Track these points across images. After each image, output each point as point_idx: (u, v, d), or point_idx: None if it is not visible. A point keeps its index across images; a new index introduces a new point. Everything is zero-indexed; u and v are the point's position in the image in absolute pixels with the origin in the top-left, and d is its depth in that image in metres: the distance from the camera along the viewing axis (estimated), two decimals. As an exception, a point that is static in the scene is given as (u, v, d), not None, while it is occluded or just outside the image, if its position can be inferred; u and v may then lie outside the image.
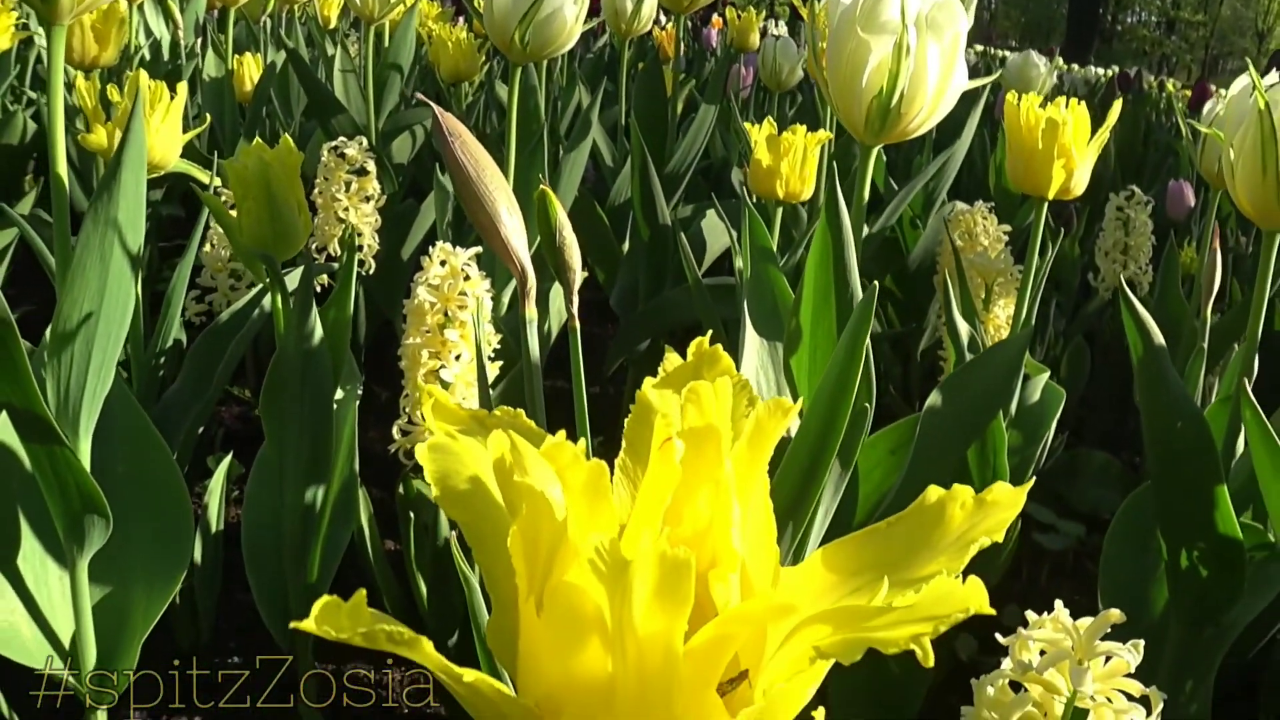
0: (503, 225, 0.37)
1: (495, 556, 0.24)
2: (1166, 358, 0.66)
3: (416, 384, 0.78)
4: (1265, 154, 0.65)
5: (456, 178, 0.37)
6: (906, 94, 0.55)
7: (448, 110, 1.55)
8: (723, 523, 0.22)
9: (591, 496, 0.20)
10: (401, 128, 1.61)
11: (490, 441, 0.22)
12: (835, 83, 0.57)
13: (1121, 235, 1.32)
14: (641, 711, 0.20)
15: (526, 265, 0.40)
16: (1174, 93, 6.70)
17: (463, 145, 0.36)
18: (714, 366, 0.26)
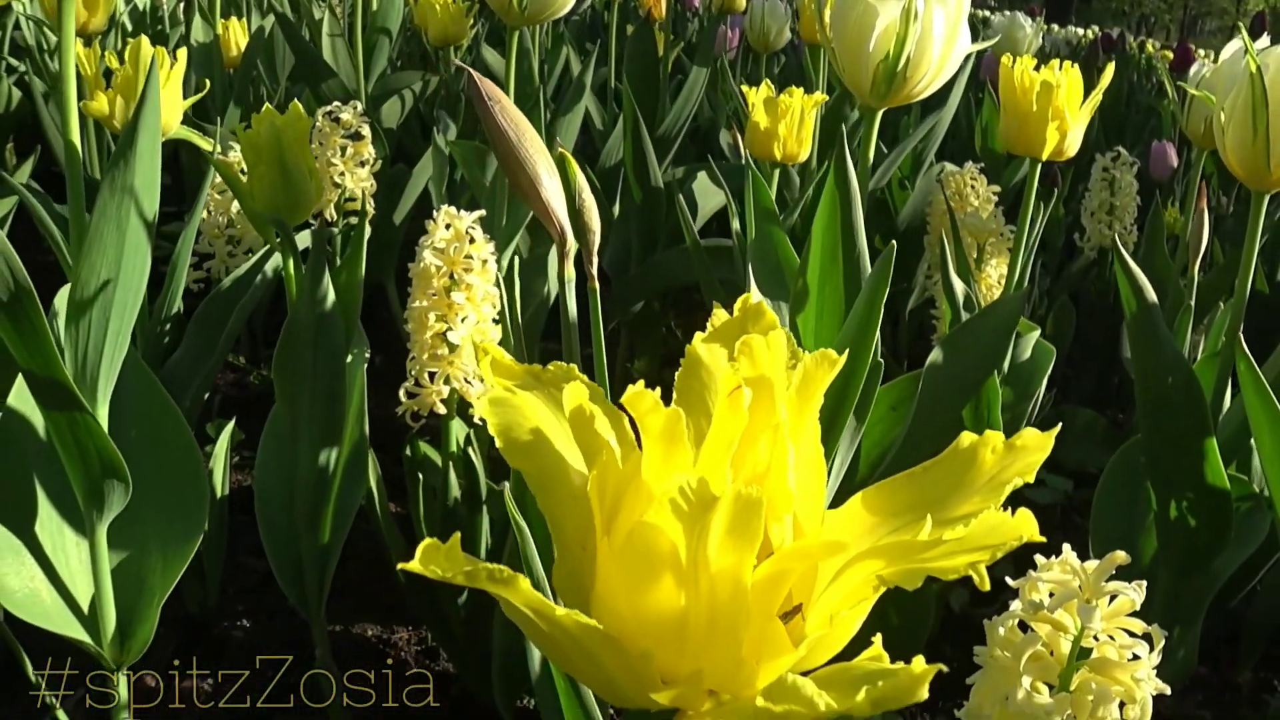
0: (543, 188, 0.39)
1: (559, 503, 0.25)
2: (1159, 315, 0.68)
3: (423, 346, 0.79)
4: (1256, 117, 0.67)
5: (498, 142, 0.38)
6: (913, 58, 0.56)
7: (434, 73, 1.55)
8: (779, 467, 0.23)
9: (668, 441, 0.22)
10: (390, 92, 1.61)
11: (567, 393, 0.24)
12: (842, 46, 0.58)
13: (1107, 196, 1.34)
14: (711, 641, 0.22)
15: (566, 226, 0.41)
16: (1154, 53, 6.71)
17: (503, 110, 0.37)
18: (759, 321, 0.28)
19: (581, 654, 0.21)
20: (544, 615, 0.20)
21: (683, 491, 0.19)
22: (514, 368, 0.28)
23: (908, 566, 0.21)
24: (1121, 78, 2.26)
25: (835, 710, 0.19)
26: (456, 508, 0.81)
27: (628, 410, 0.22)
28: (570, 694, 0.36)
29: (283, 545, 0.75)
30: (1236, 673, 1.02)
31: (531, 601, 0.20)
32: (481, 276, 0.79)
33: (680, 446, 0.22)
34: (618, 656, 0.21)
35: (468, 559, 0.20)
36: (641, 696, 0.22)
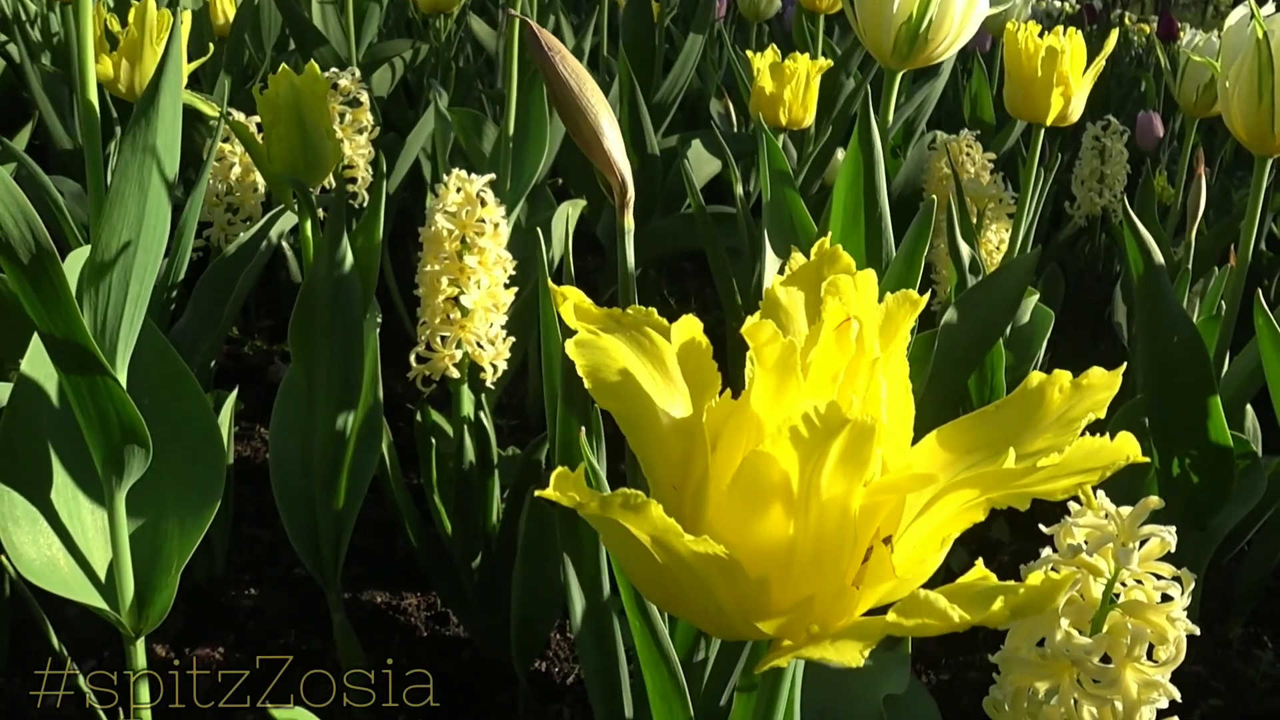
0: (605, 137, 0.39)
1: (649, 442, 0.26)
2: (1165, 275, 0.69)
3: (435, 311, 0.79)
4: (1262, 81, 0.68)
5: (559, 92, 0.38)
6: (935, 20, 0.57)
7: (423, 41, 1.53)
8: (873, 402, 0.24)
9: (783, 372, 0.22)
10: (380, 60, 1.60)
11: (679, 327, 0.24)
12: (864, 8, 0.58)
13: (1098, 164, 1.36)
14: (818, 569, 0.22)
15: (627, 175, 0.41)
16: (1131, 25, 6.74)
17: (564, 60, 0.38)
18: (835, 264, 0.28)
19: (696, 584, 0.21)
20: (668, 544, 0.21)
21: (807, 418, 0.20)
22: (594, 311, 0.28)
23: (1014, 491, 0.21)
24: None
25: (969, 621, 0.19)
26: (471, 471, 0.81)
27: (747, 339, 0.22)
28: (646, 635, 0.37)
29: (299, 512, 0.75)
30: (1228, 629, 1.04)
31: (659, 529, 0.20)
32: (494, 240, 0.79)
33: (794, 377, 0.22)
34: (734, 585, 0.21)
35: (594, 490, 0.20)
36: (748, 627, 0.22)
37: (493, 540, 0.83)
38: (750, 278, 0.92)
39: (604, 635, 0.46)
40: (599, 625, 0.46)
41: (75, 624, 0.87)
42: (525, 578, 0.76)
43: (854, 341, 0.23)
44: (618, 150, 0.40)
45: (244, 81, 1.70)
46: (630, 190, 0.42)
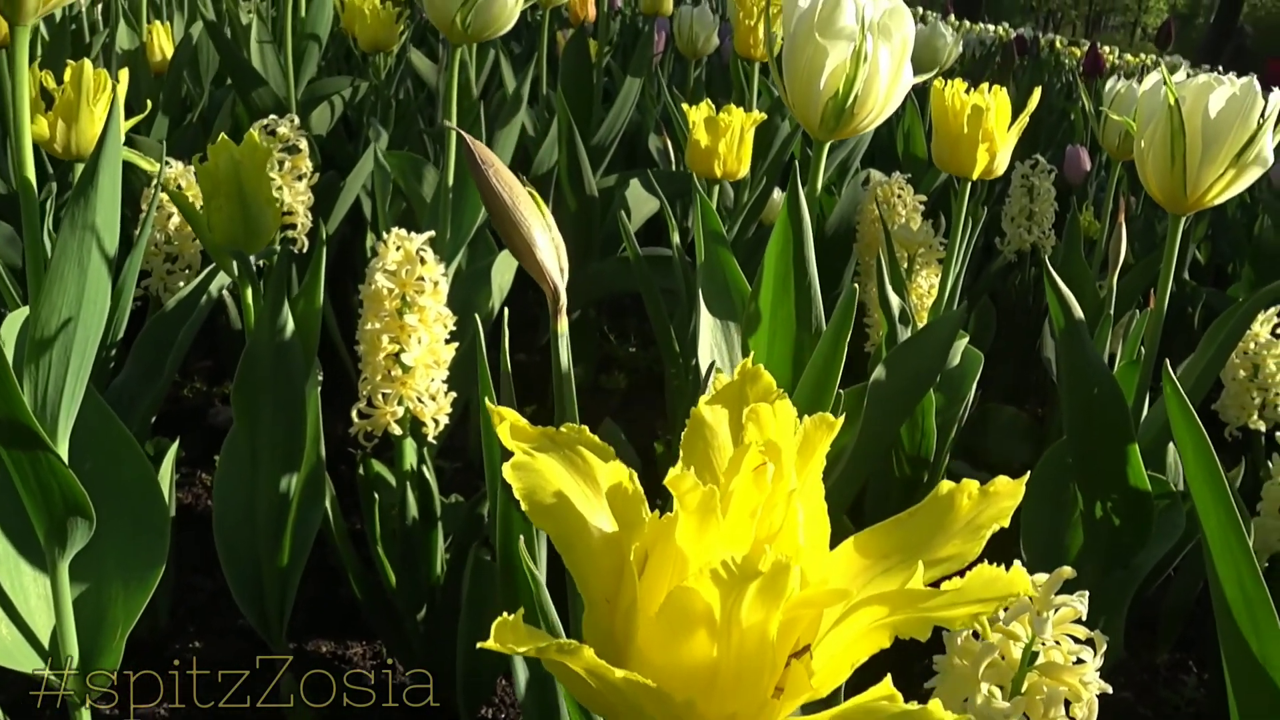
0: (537, 249, 0.40)
1: (583, 560, 0.27)
2: (1085, 329, 0.72)
3: (376, 368, 0.80)
4: (1174, 146, 0.71)
5: (492, 205, 0.40)
6: (860, 96, 0.59)
7: (362, 78, 1.54)
8: (790, 527, 0.26)
9: (703, 515, 0.24)
10: (320, 98, 1.60)
11: (605, 472, 0.26)
12: (792, 83, 0.61)
13: (1026, 202, 1.40)
14: (739, 687, 0.24)
15: (560, 286, 0.43)
16: (1061, 49, 6.89)
17: (496, 173, 0.39)
18: (756, 383, 0.30)
19: (629, 707, 0.23)
20: (601, 677, 0.22)
21: (726, 565, 0.22)
22: (529, 430, 0.30)
23: (915, 616, 0.23)
24: (1035, 80, 2.33)
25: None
26: (414, 526, 0.82)
27: (670, 489, 0.24)
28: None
29: (243, 570, 0.76)
30: (1155, 655, 1.08)
31: (591, 666, 0.22)
32: (434, 298, 0.80)
33: (714, 519, 0.24)
34: (663, 708, 0.23)
35: (534, 633, 0.22)
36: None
37: (437, 592, 0.84)
38: (689, 321, 0.94)
39: (547, 705, 0.47)
40: (542, 694, 0.47)
41: (14, 686, 0.87)
42: (470, 629, 0.77)
43: (770, 480, 0.25)
44: (550, 261, 0.41)
45: (183, 117, 1.69)
46: (563, 299, 0.43)
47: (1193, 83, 0.74)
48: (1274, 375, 1.08)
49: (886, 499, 0.96)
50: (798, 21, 0.59)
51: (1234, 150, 0.72)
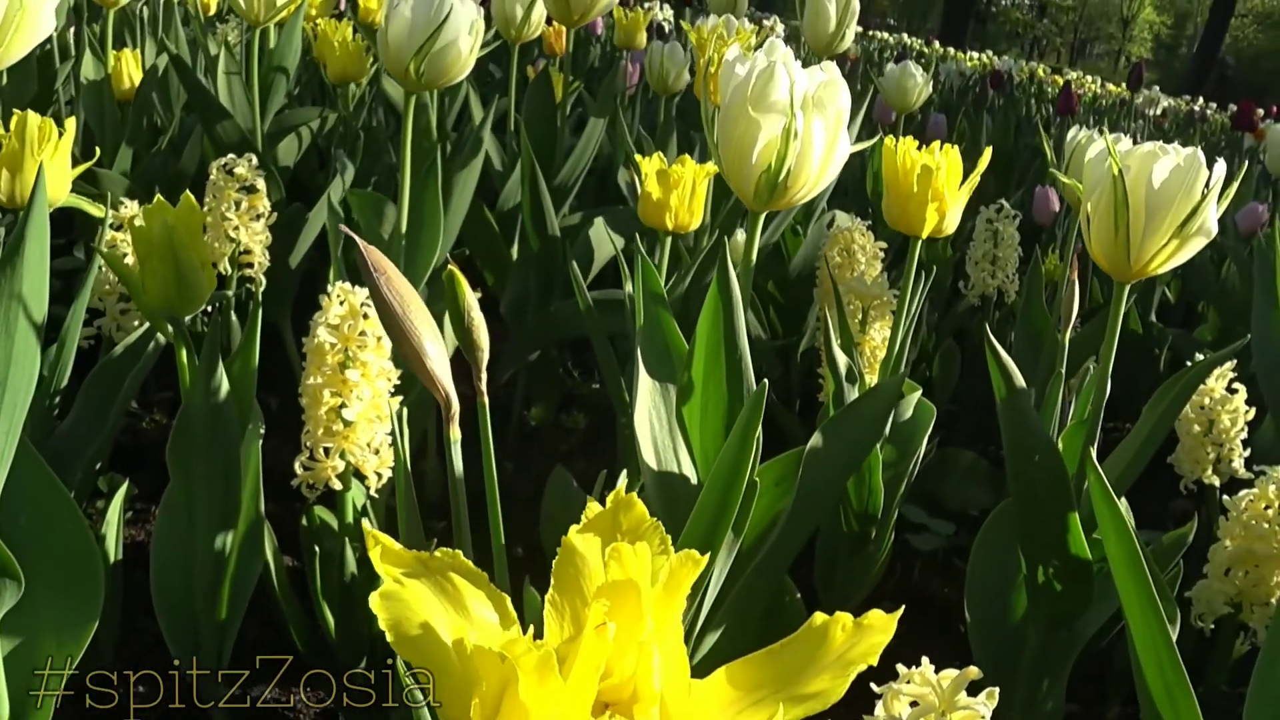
0: (428, 358, 0.40)
1: (448, 691, 0.27)
2: (1028, 399, 0.72)
3: (318, 422, 0.80)
4: (1117, 217, 0.71)
5: (382, 312, 0.40)
6: (793, 170, 0.59)
7: (333, 109, 1.54)
8: (645, 668, 0.26)
9: (541, 673, 0.24)
10: (287, 129, 1.60)
11: (450, 629, 0.26)
12: (726, 155, 0.61)
13: (990, 247, 1.40)
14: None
15: (451, 393, 0.42)
16: (1044, 78, 6.95)
17: (388, 281, 0.39)
18: (629, 512, 0.30)
19: None
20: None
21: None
22: (403, 555, 0.29)
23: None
24: (1009, 117, 2.34)
25: None
26: (353, 580, 0.81)
27: (507, 654, 0.24)
28: None
29: (179, 622, 0.75)
30: (1105, 709, 1.08)
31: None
32: (376, 353, 0.80)
33: (551, 676, 0.24)
34: None
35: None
36: None
37: (377, 643, 0.84)
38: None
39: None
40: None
41: None
42: (408, 687, 0.76)
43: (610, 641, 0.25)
44: (440, 367, 0.41)
45: (152, 143, 1.68)
46: (455, 406, 0.43)
47: (1138, 151, 0.74)
48: (1228, 431, 1.09)
49: (835, 553, 0.95)
50: (732, 93, 0.59)
51: (1178, 221, 0.72)
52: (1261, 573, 0.87)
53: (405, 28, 0.90)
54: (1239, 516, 0.88)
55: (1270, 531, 0.87)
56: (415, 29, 0.90)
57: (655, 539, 0.30)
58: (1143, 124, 3.43)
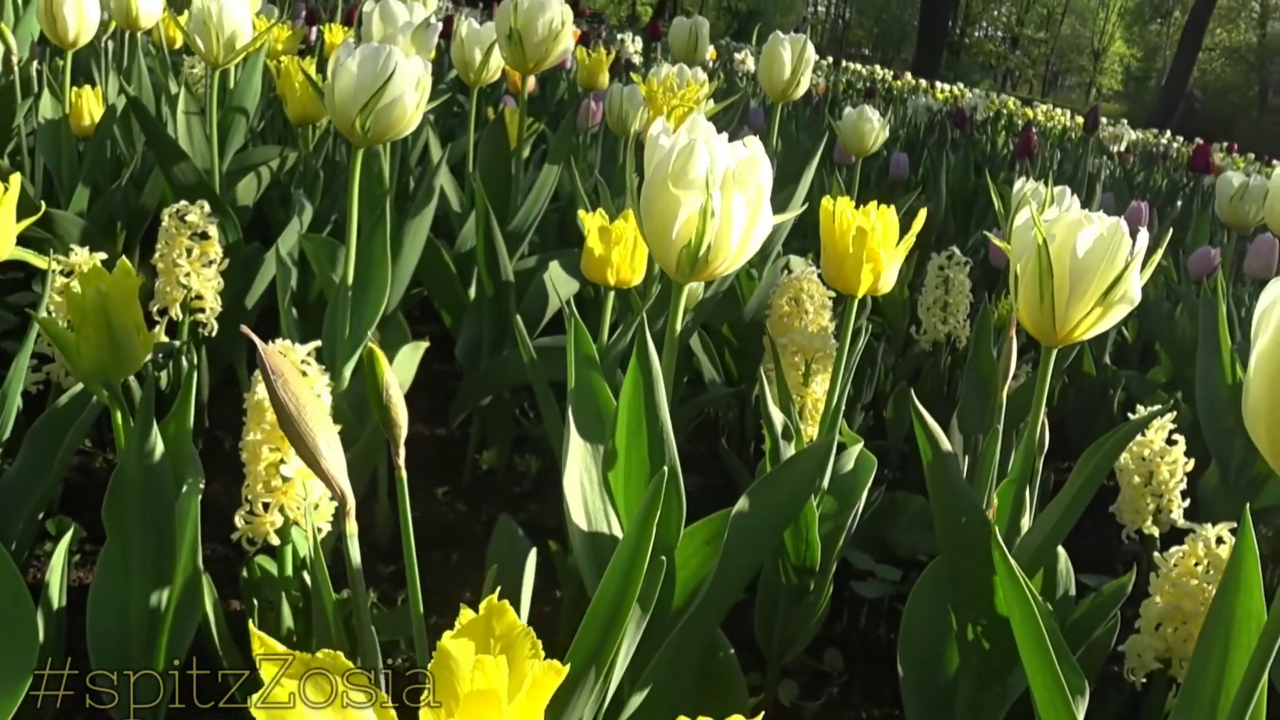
0: (323, 459, 0.41)
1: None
2: (954, 462, 0.73)
3: (257, 478, 0.80)
4: (1042, 285, 0.72)
5: (279, 413, 0.41)
6: (714, 245, 0.60)
7: (294, 149, 1.54)
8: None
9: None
10: (247, 168, 1.61)
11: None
12: (649, 228, 0.62)
13: (942, 293, 1.42)
14: None
15: (347, 491, 0.43)
16: (1014, 110, 7.03)
17: (284, 384, 0.40)
18: (501, 618, 0.31)
19: None
20: None
21: None
22: (284, 656, 0.30)
23: None
24: (969, 157, 2.37)
25: None
26: (290, 634, 0.82)
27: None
28: None
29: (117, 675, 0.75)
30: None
31: None
32: (316, 409, 0.80)
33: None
34: None
35: None
36: None
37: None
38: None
39: None
40: None
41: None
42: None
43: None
44: (337, 468, 0.42)
45: (114, 179, 1.69)
46: (351, 502, 0.44)
47: (1063, 219, 0.75)
48: (1167, 482, 1.10)
49: (775, 605, 0.96)
50: (655, 168, 0.60)
51: (1101, 289, 0.74)
52: (1190, 629, 0.88)
53: (351, 83, 0.91)
54: (1169, 574, 0.90)
55: (1199, 589, 0.88)
56: (361, 84, 0.91)
57: (526, 645, 0.31)
58: (1106, 160, 3.47)
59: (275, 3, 4.32)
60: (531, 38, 1.26)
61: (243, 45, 1.39)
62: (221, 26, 1.36)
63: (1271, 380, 0.50)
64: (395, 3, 1.24)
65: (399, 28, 1.21)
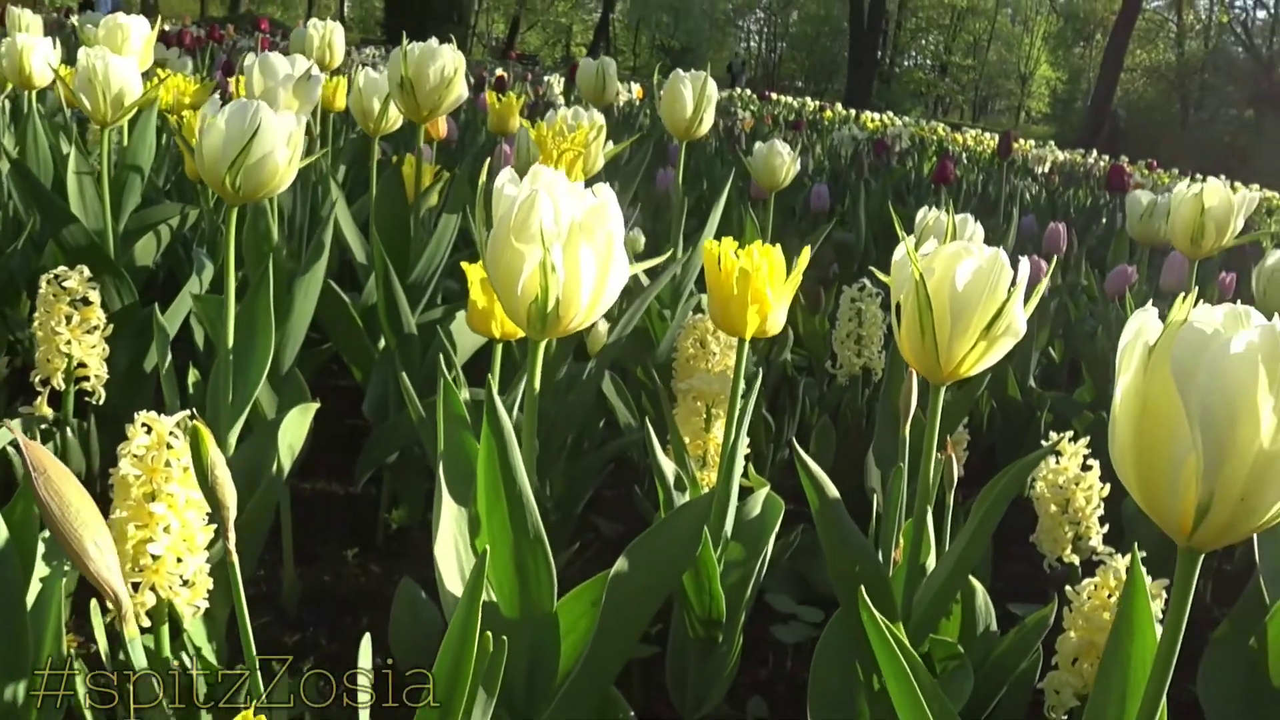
0: (90, 561, 0.38)
1: None
2: (842, 509, 0.71)
3: (125, 557, 0.76)
4: (923, 320, 0.70)
5: (44, 514, 0.37)
6: (563, 299, 0.58)
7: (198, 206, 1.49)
8: None
9: None
10: (146, 227, 1.56)
11: None
12: (496, 284, 0.59)
13: (855, 326, 1.40)
14: None
15: (120, 593, 0.40)
16: (944, 136, 7.12)
17: (46, 482, 0.37)
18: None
19: None
20: None
21: None
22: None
23: None
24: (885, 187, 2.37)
25: None
26: None
27: None
28: None
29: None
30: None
31: None
32: (184, 484, 0.76)
33: None
34: None
35: None
36: None
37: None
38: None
39: None
40: None
41: None
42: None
43: None
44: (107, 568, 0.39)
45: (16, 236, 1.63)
46: (126, 604, 0.41)
47: (942, 252, 0.74)
48: (1083, 509, 1.09)
49: (685, 658, 0.93)
50: (499, 220, 0.58)
51: (984, 322, 0.72)
52: (1104, 663, 0.86)
53: (220, 140, 0.88)
54: (1081, 607, 0.88)
55: (1111, 622, 0.86)
56: (229, 141, 0.88)
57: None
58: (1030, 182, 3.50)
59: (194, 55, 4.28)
60: (424, 85, 1.24)
61: (131, 102, 1.35)
62: (108, 83, 1.32)
63: (1137, 418, 0.48)
64: (275, 56, 1.21)
65: (279, 81, 1.18)
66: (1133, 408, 0.48)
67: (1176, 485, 0.46)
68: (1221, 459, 0.45)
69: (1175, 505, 0.47)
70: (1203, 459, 0.45)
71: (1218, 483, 0.45)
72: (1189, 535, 0.48)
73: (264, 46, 4.96)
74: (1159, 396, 0.46)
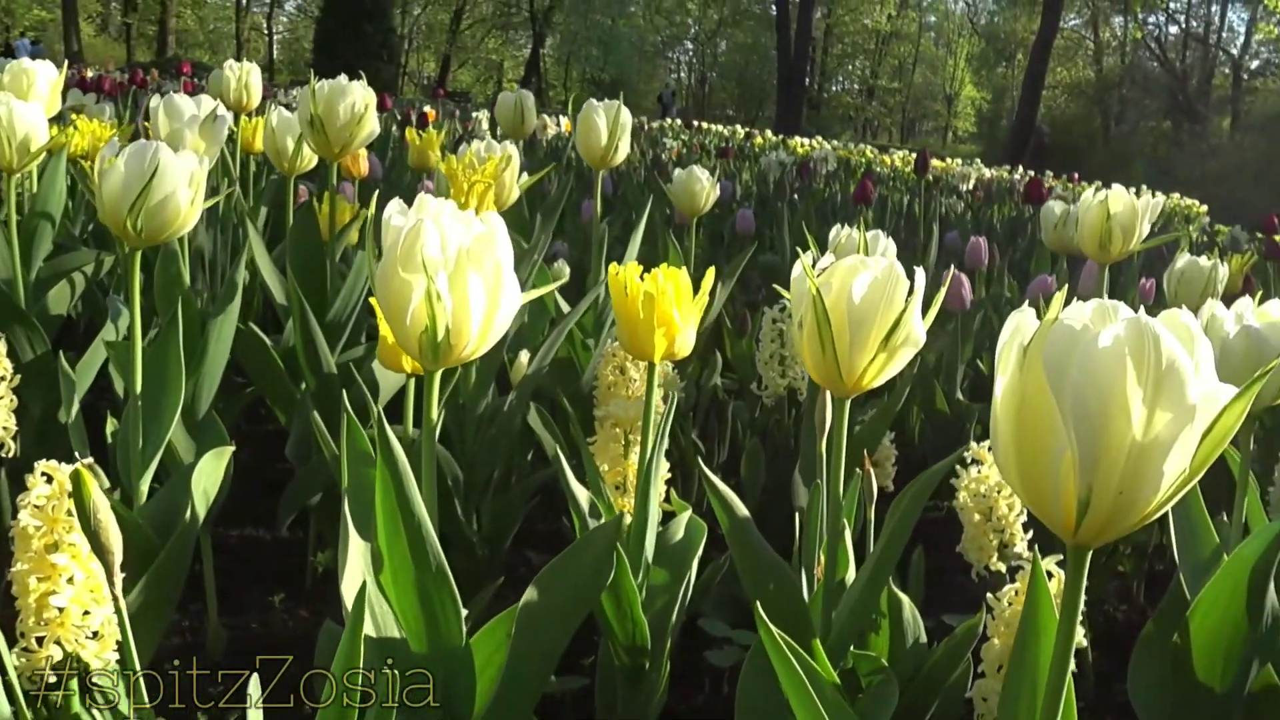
0: None
1: None
2: (751, 526, 0.71)
3: (29, 610, 0.74)
4: (822, 334, 0.71)
5: None
6: (453, 328, 0.57)
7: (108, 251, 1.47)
8: None
9: None
10: (59, 275, 1.54)
11: None
12: (387, 315, 0.59)
13: (778, 347, 1.41)
14: None
15: None
16: (872, 158, 7.22)
17: None
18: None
19: None
20: None
21: None
22: None
23: None
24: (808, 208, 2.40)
25: None
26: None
27: None
28: None
29: None
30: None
31: None
32: (85, 534, 0.75)
33: None
34: None
35: None
36: None
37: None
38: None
39: None
40: None
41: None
42: None
43: None
44: None
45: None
46: None
47: (839, 266, 0.74)
48: (1006, 516, 1.10)
49: (612, 687, 0.93)
50: (387, 250, 0.57)
51: (882, 333, 0.73)
52: (1026, 669, 0.87)
53: (120, 181, 0.87)
54: (1002, 614, 0.88)
55: (1028, 625, 0.87)
56: (129, 183, 0.87)
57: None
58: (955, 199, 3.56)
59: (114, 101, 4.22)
60: (334, 122, 1.24)
61: (37, 148, 1.33)
62: (13, 129, 1.30)
63: (1016, 418, 0.49)
64: (180, 97, 1.20)
65: (184, 122, 1.17)
66: (1011, 407, 0.49)
67: (1057, 483, 0.47)
68: (1097, 454, 0.45)
69: (1058, 503, 0.48)
70: (1079, 455, 0.46)
71: (1095, 478, 0.46)
72: (1074, 532, 0.48)
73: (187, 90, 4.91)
74: (1035, 395, 0.47)
